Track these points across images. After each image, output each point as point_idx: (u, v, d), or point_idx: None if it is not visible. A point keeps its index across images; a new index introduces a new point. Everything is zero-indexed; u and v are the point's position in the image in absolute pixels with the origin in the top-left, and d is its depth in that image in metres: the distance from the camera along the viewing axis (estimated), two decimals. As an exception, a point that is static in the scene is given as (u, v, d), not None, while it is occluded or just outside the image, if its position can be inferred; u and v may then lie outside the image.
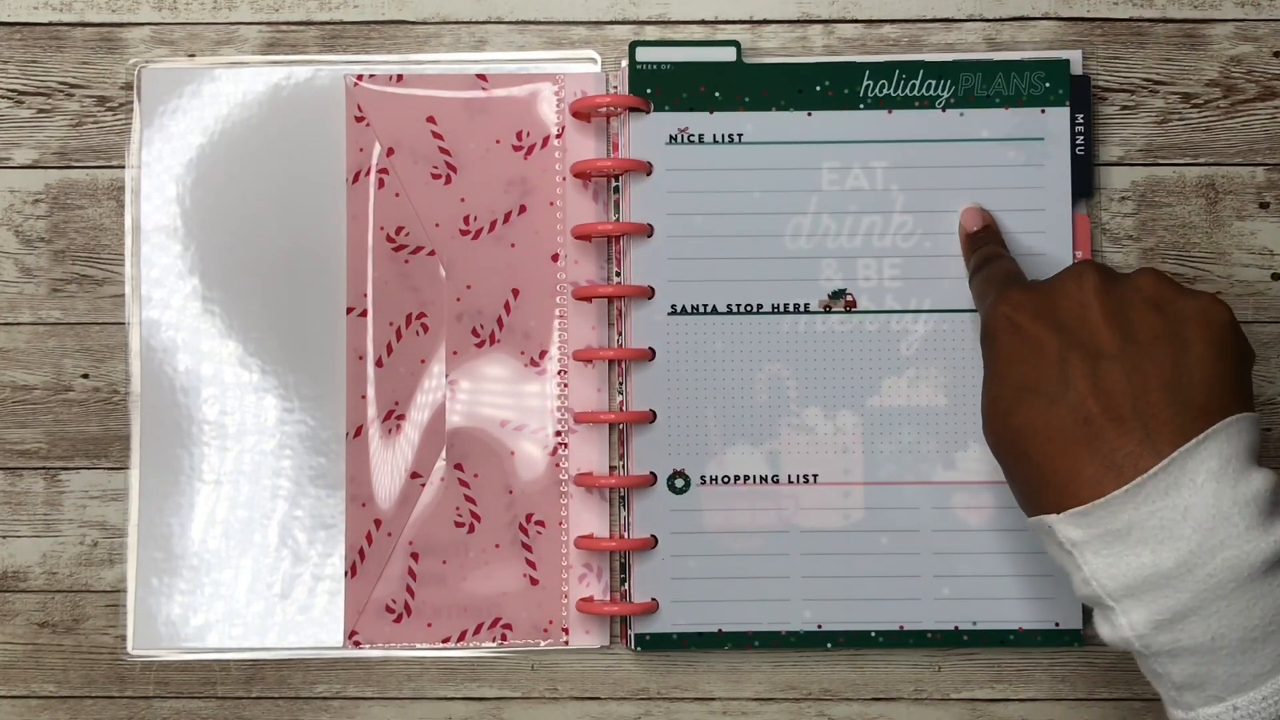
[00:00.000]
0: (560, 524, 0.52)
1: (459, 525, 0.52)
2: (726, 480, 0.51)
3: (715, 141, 0.52)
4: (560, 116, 0.53)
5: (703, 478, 0.51)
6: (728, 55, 0.52)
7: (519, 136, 0.53)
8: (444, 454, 0.52)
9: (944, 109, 0.52)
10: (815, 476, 0.51)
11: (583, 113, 0.52)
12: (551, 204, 0.53)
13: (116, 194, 0.53)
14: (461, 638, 0.52)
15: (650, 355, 0.51)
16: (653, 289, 0.52)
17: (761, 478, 0.51)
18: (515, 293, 0.52)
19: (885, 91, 0.52)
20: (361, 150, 0.53)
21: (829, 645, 0.51)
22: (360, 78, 0.53)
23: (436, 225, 0.52)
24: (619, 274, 0.52)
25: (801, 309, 0.52)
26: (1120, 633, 0.38)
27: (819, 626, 0.51)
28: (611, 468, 0.52)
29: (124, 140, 0.53)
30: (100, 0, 0.53)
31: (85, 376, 0.53)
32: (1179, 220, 0.53)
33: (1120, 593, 0.38)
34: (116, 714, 0.52)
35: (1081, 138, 0.52)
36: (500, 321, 0.52)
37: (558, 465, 0.52)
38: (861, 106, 0.52)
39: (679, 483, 0.51)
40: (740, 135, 0.52)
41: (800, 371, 0.52)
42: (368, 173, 0.52)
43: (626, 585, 0.52)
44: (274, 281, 0.52)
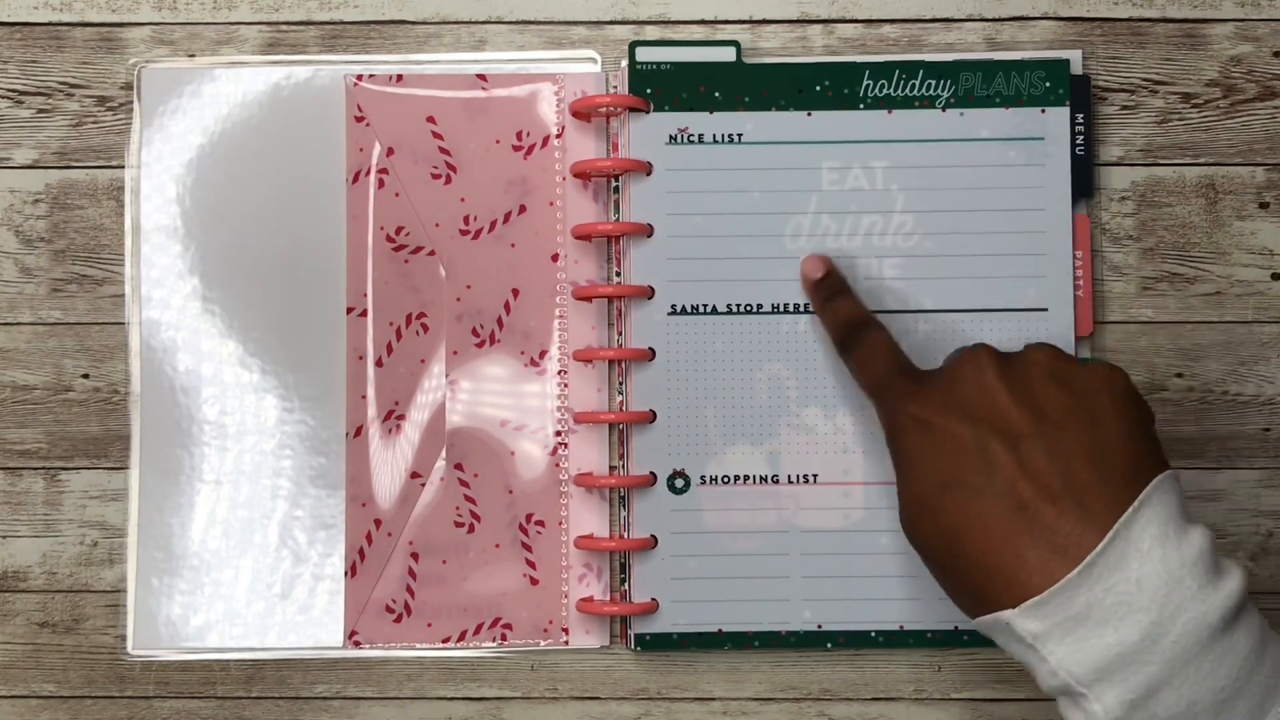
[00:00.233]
0: (560, 524, 0.52)
1: (459, 525, 0.52)
2: (726, 480, 0.51)
3: (715, 141, 0.52)
4: (560, 116, 0.52)
5: (703, 478, 0.51)
6: (727, 55, 0.52)
7: (519, 136, 0.53)
8: (444, 454, 0.52)
9: (944, 109, 0.52)
10: (815, 476, 0.51)
11: (583, 113, 0.52)
12: (551, 204, 0.53)
13: (116, 194, 0.53)
14: (461, 638, 0.52)
15: (650, 355, 0.51)
16: (653, 289, 0.52)
17: (761, 478, 0.51)
18: (515, 293, 0.52)
19: (885, 91, 0.52)
20: (361, 150, 0.52)
21: (829, 645, 0.51)
22: (360, 78, 0.53)
23: (436, 225, 0.52)
24: (619, 274, 0.52)
25: (802, 309, 0.51)
26: (1093, 719, 0.37)
27: (819, 626, 0.51)
28: (611, 468, 0.52)
29: (124, 140, 0.53)
30: (100, 0, 0.53)
31: (85, 376, 0.53)
32: (1179, 220, 0.53)
33: (1090, 677, 0.37)
34: (116, 714, 0.52)
35: (1081, 138, 0.52)
36: (500, 321, 0.52)
37: (558, 465, 0.52)
38: (861, 106, 0.52)
39: (679, 483, 0.51)
40: (740, 135, 0.52)
41: (800, 371, 0.51)
42: (368, 173, 0.52)
43: (626, 585, 0.52)
44: (274, 281, 0.52)
